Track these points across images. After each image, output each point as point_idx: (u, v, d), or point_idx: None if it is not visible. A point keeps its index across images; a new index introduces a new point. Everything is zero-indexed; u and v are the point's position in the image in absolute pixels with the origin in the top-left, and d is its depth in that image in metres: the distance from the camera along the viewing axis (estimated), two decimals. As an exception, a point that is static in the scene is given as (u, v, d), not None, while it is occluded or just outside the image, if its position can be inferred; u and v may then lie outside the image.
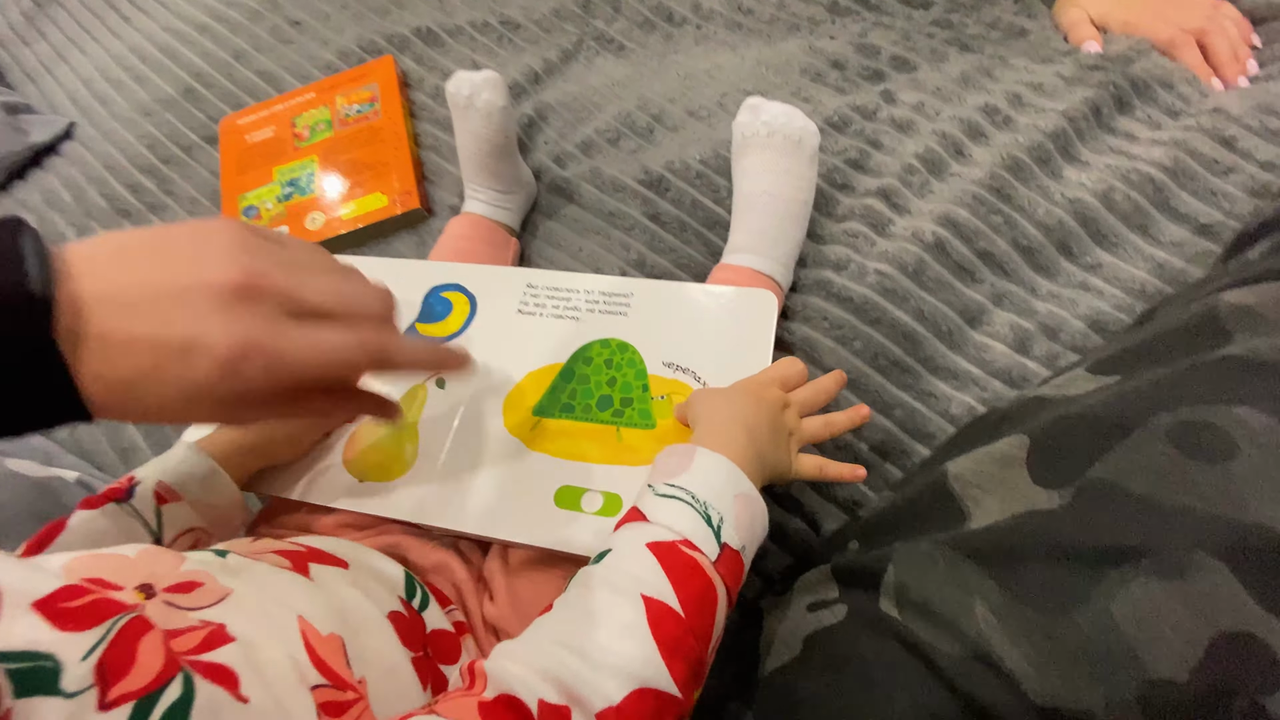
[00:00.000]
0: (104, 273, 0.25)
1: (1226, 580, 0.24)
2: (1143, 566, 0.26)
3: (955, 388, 0.49)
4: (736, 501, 0.30)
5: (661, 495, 0.30)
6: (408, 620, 0.33)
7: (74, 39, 0.92)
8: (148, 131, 0.76)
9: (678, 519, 0.29)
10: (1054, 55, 0.62)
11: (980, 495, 0.34)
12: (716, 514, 0.29)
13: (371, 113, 0.67)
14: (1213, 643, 0.24)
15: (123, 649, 0.20)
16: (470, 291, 0.48)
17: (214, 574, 0.27)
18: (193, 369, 0.25)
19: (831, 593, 0.36)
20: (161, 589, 0.25)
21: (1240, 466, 0.27)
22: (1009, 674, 0.26)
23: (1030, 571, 0.28)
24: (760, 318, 0.43)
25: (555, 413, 0.42)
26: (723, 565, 0.28)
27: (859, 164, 0.59)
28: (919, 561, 0.32)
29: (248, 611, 0.26)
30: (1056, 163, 0.55)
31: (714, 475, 0.31)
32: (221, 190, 0.68)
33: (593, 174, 0.62)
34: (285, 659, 0.25)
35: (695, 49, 0.72)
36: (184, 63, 0.81)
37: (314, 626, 0.27)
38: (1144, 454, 0.29)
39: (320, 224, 0.63)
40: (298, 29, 0.79)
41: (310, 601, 0.28)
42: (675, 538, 0.28)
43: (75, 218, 0.72)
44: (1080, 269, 0.52)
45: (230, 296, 0.25)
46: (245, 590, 0.27)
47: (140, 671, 0.19)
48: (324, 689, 0.25)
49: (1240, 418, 0.28)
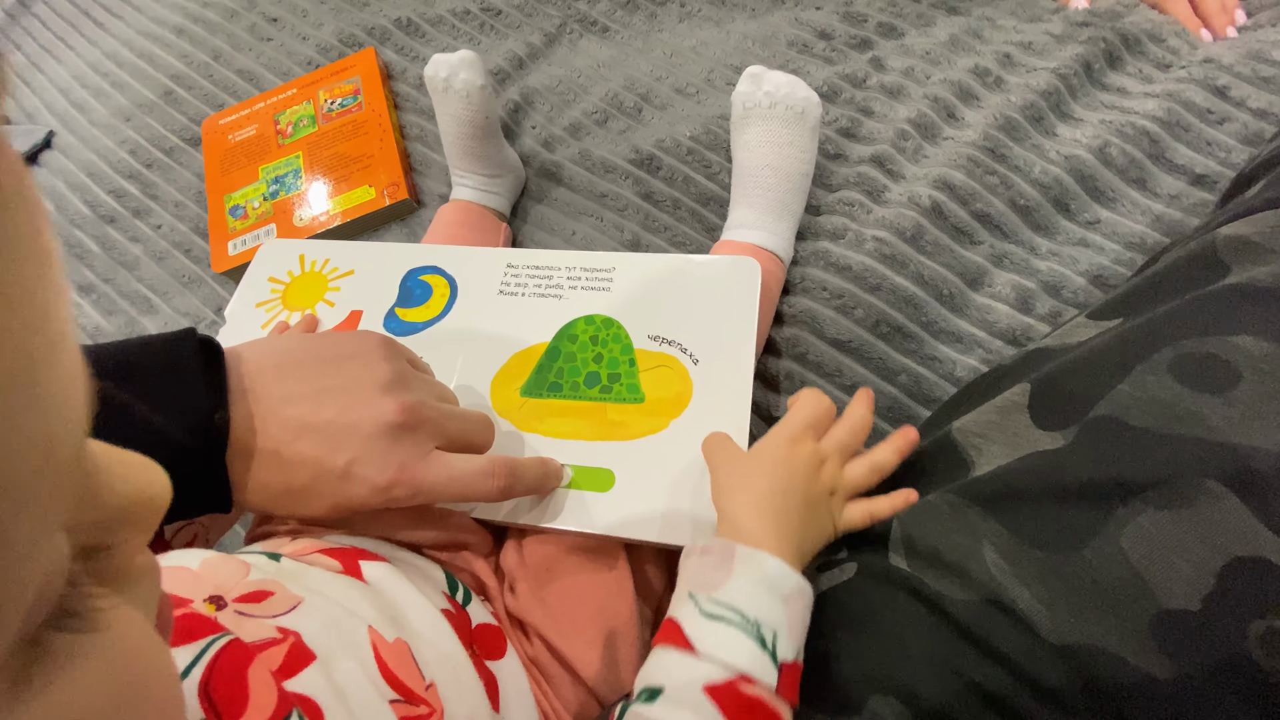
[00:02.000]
0: (274, 390, 0.29)
1: (1235, 507, 0.24)
2: (1150, 499, 0.26)
3: (960, 351, 0.49)
4: (787, 607, 0.27)
5: (707, 615, 0.27)
6: (456, 617, 0.32)
7: (48, 48, 0.91)
8: (129, 136, 0.74)
9: (731, 651, 0.26)
10: (1042, 14, 0.61)
11: (983, 444, 0.33)
12: (770, 631, 0.26)
13: (355, 106, 0.66)
14: (1224, 569, 0.24)
15: (230, 678, 0.19)
16: (449, 274, 0.47)
17: (281, 582, 0.27)
18: (350, 490, 0.28)
19: (840, 553, 0.36)
20: (231, 599, 0.25)
21: (1243, 394, 0.27)
22: (1022, 615, 0.26)
23: (1037, 512, 0.28)
24: (744, 284, 0.43)
25: (543, 392, 0.41)
26: (783, 686, 0.26)
27: (851, 132, 0.58)
28: (924, 512, 0.31)
29: (320, 622, 0.25)
30: (1050, 121, 0.54)
31: (759, 582, 0.27)
32: (207, 192, 0.67)
33: (582, 156, 0.62)
34: (361, 674, 0.24)
35: (680, 26, 0.71)
36: (162, 65, 0.79)
37: (382, 636, 0.26)
38: (1146, 388, 0.29)
39: (308, 219, 0.62)
40: (275, 25, 0.78)
41: (373, 607, 0.28)
42: (732, 675, 0.25)
43: (61, 228, 0.71)
44: (1079, 226, 0.51)
45: (393, 430, 0.29)
46: (314, 600, 0.26)
47: (257, 709, 0.19)
48: (400, 704, 0.24)
49: (1240, 345, 0.28)
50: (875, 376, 0.48)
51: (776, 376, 0.50)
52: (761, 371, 0.49)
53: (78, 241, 0.69)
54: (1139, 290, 0.36)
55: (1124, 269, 0.48)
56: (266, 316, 0.48)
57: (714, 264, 0.44)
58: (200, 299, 0.63)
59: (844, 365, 0.49)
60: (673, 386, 0.40)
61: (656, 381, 0.41)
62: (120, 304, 0.64)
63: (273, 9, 0.79)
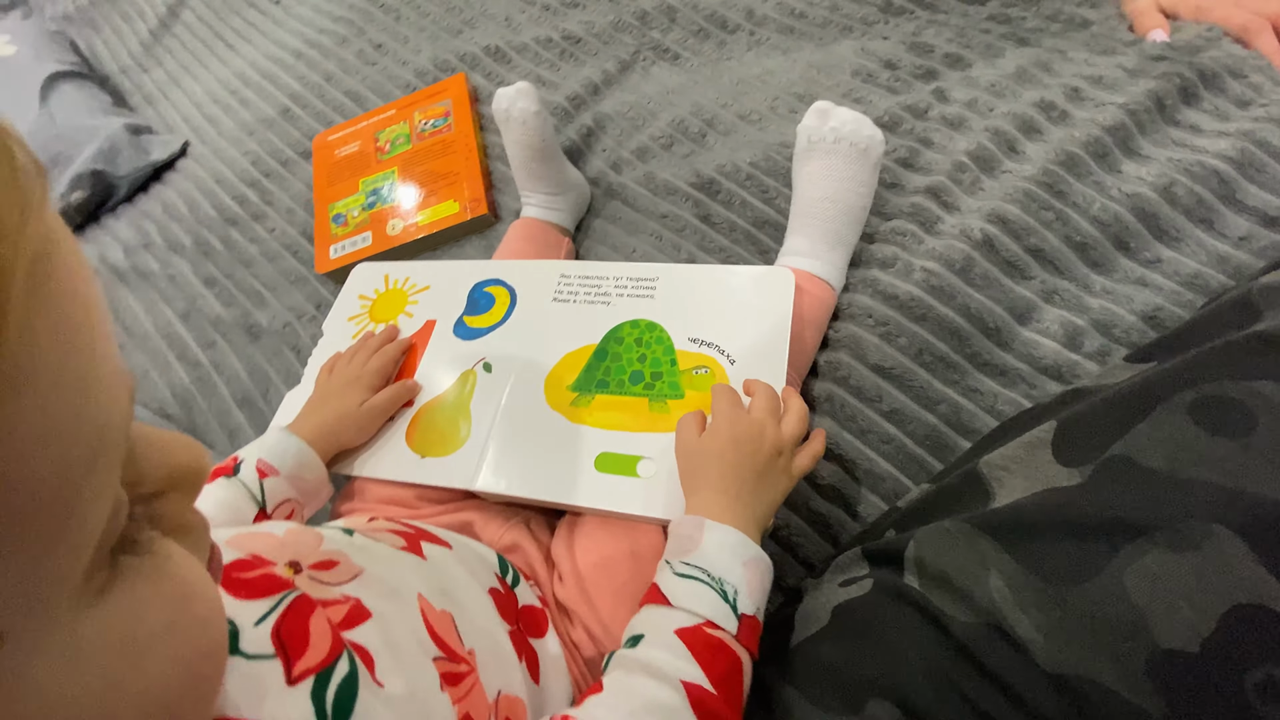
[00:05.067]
0: None
1: (1242, 553, 0.24)
2: (1157, 539, 0.26)
3: (1003, 384, 0.50)
4: (746, 569, 0.33)
5: (680, 575, 0.32)
6: (504, 596, 0.36)
7: (186, 66, 1.03)
8: (251, 149, 0.84)
9: (698, 601, 0.31)
10: (1117, 46, 0.61)
11: (1005, 476, 0.35)
12: (731, 587, 0.32)
13: (445, 127, 0.73)
14: (1226, 615, 0.24)
15: (297, 625, 0.24)
16: (510, 285, 0.53)
17: (347, 554, 0.31)
18: None
19: (861, 570, 0.37)
20: (307, 565, 0.29)
21: (1259, 440, 0.27)
22: (1019, 642, 0.27)
23: (1045, 545, 0.29)
24: (779, 294, 0.46)
25: (591, 389, 0.46)
26: (743, 634, 0.31)
27: (909, 162, 0.60)
28: (939, 537, 0.33)
29: (377, 589, 0.29)
30: (1115, 157, 0.54)
31: (724, 548, 0.33)
32: (314, 200, 0.75)
33: (647, 178, 0.66)
34: (410, 635, 0.28)
35: (748, 55, 0.74)
36: (282, 86, 0.89)
37: (430, 604, 0.31)
38: (1163, 430, 0.29)
39: (399, 230, 0.69)
40: (380, 51, 0.86)
41: (425, 580, 0.32)
42: (699, 620, 0.31)
43: (190, 226, 0.81)
44: (1139, 264, 0.51)
45: None
46: (374, 570, 0.31)
47: (315, 649, 0.23)
48: (442, 661, 0.28)
49: (1260, 391, 0.28)
50: (915, 404, 0.50)
51: (818, 397, 0.52)
52: (805, 391, 0.52)
53: (205, 240, 0.79)
54: (1176, 334, 0.37)
55: (1182, 310, 0.48)
56: (356, 328, 0.55)
57: (750, 274, 0.48)
58: (304, 296, 0.71)
59: (884, 391, 0.50)
60: (710, 384, 0.44)
61: (695, 380, 0.44)
62: (238, 297, 0.73)
63: (379, 35, 0.87)
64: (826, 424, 0.50)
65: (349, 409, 0.48)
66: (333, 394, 0.49)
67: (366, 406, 0.48)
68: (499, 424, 0.46)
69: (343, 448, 0.48)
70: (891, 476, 0.49)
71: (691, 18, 0.77)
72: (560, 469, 0.43)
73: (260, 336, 0.70)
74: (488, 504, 0.46)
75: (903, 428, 0.50)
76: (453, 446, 0.47)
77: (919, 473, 0.49)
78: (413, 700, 0.25)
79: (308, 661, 0.22)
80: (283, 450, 0.44)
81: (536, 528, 0.46)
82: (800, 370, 0.50)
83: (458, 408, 0.49)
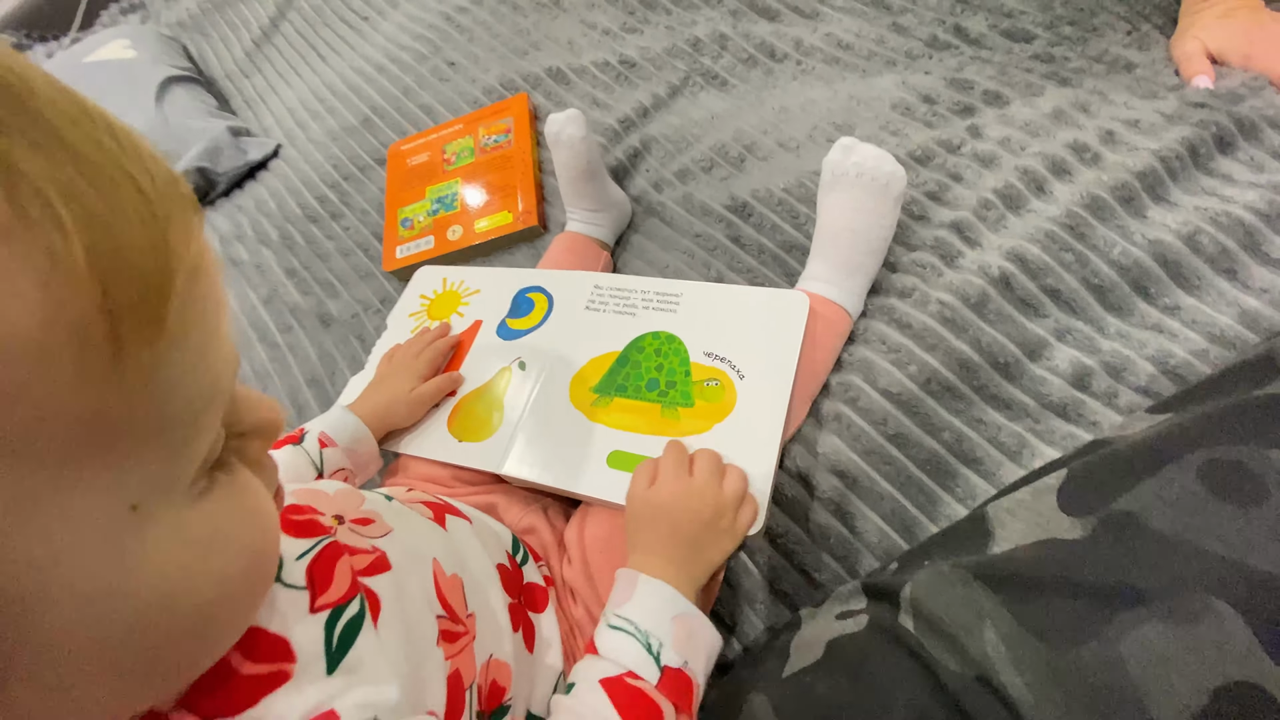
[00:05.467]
0: None
1: (1239, 629, 0.24)
2: (1155, 609, 0.26)
3: (1008, 417, 0.52)
4: (675, 624, 0.35)
5: (612, 627, 0.35)
6: (510, 572, 0.41)
7: (283, 74, 1.14)
8: (334, 154, 0.93)
9: (622, 652, 0.34)
10: (1159, 91, 0.61)
11: (1008, 519, 0.34)
12: (656, 640, 0.34)
13: (505, 143, 0.80)
14: (1219, 691, 0.23)
15: (325, 566, 0.28)
16: (549, 291, 0.59)
17: (383, 515, 0.36)
18: None
19: (859, 604, 0.38)
20: (349, 519, 0.34)
21: (1267, 512, 0.26)
22: (1009, 700, 0.27)
23: (1043, 602, 0.28)
24: (792, 316, 0.49)
25: (611, 392, 0.51)
26: (664, 686, 0.33)
27: (937, 196, 0.62)
28: (936, 580, 0.33)
29: (401, 548, 0.34)
30: (1141, 202, 0.55)
31: (652, 602, 0.36)
32: (386, 204, 0.83)
33: (685, 199, 0.70)
34: (420, 591, 0.33)
35: (792, 84, 0.77)
36: (364, 97, 0.98)
37: (442, 569, 0.35)
38: (1171, 489, 0.29)
39: (459, 235, 0.76)
40: (453, 69, 0.94)
41: (442, 548, 0.37)
42: (621, 671, 0.33)
43: (278, 221, 0.91)
44: (1157, 310, 0.52)
45: None
46: (401, 531, 0.36)
47: (336, 587, 0.28)
48: (444, 619, 0.33)
49: (1273, 460, 0.27)
50: (919, 429, 0.52)
51: (827, 416, 0.55)
52: (814, 409, 0.55)
53: (289, 235, 0.89)
54: (1197, 388, 0.36)
55: (1198, 360, 0.48)
56: (415, 324, 0.63)
57: (767, 294, 0.51)
58: (371, 290, 0.79)
59: (890, 414, 0.53)
60: (720, 396, 0.48)
61: (706, 391, 0.48)
62: (314, 288, 0.82)
63: (453, 54, 0.95)
64: (833, 441, 0.53)
65: (400, 394, 0.54)
66: (388, 380, 0.56)
67: (416, 393, 0.55)
68: (526, 417, 0.52)
69: (393, 428, 0.55)
70: (890, 496, 0.51)
71: (742, 46, 0.81)
72: (576, 462, 0.48)
73: (330, 324, 0.78)
74: (512, 489, 0.52)
75: (905, 451, 0.52)
76: (486, 434, 0.53)
77: (918, 494, 0.51)
78: (407, 646, 0.29)
79: (328, 597, 0.27)
80: (342, 426, 0.51)
81: (553, 514, 0.51)
82: (810, 390, 0.53)
83: (493, 400, 0.54)
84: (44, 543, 0.15)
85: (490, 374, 0.56)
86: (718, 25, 0.83)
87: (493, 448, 0.51)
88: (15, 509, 0.14)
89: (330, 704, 0.23)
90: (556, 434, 0.50)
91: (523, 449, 0.50)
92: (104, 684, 0.18)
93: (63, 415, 0.15)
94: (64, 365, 0.14)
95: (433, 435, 0.55)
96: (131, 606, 0.17)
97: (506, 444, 0.51)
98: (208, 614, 0.20)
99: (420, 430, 0.55)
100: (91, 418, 0.15)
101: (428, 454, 0.54)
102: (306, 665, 0.24)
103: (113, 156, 0.16)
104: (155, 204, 0.16)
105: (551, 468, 0.49)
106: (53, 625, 0.16)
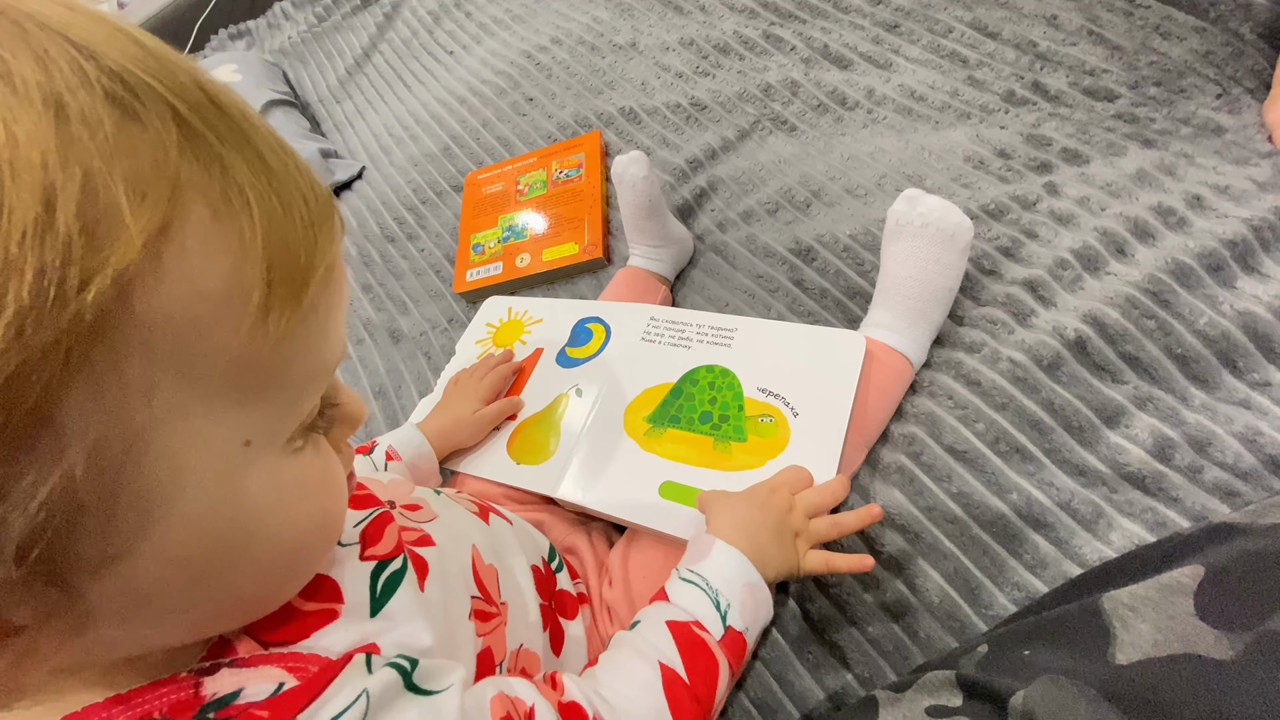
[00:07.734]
0: None
1: None
2: None
3: (1081, 484, 0.50)
4: (744, 590, 0.37)
5: (683, 579, 0.37)
6: (544, 575, 0.43)
7: (371, 102, 1.22)
8: (414, 178, 0.98)
9: (693, 603, 0.36)
10: (1251, 157, 0.59)
11: (1132, 618, 0.30)
12: (725, 600, 0.36)
13: (577, 177, 0.83)
14: None
15: (377, 528, 0.32)
16: (607, 323, 0.60)
17: (430, 503, 0.40)
18: None
19: (955, 700, 0.34)
20: (400, 505, 0.38)
21: None
22: None
23: None
24: (848, 357, 0.49)
25: (664, 423, 0.51)
26: (726, 644, 0.35)
27: (1010, 252, 0.61)
28: (1056, 694, 0.28)
29: (445, 531, 0.37)
30: (1231, 271, 0.53)
31: (726, 566, 0.38)
32: (459, 229, 0.87)
33: (748, 239, 0.71)
34: (459, 570, 0.35)
35: (862, 132, 0.78)
36: (445, 126, 1.04)
37: (481, 556, 0.38)
38: None
39: (526, 263, 0.79)
40: (531, 104, 0.98)
41: (483, 538, 0.40)
42: (689, 619, 0.35)
43: (357, 239, 0.96)
44: (1245, 385, 0.50)
45: None
46: (446, 518, 0.39)
47: (384, 544, 0.31)
48: (478, 600, 0.35)
49: None
50: (985, 489, 0.51)
51: (888, 467, 0.54)
52: (873, 458, 0.54)
53: (367, 252, 0.93)
54: None
55: (1291, 438, 0.46)
56: (481, 350, 0.65)
57: (824, 334, 0.51)
58: (440, 310, 0.82)
59: (955, 472, 0.52)
60: (773, 433, 0.48)
61: (759, 427, 0.48)
62: (387, 304, 0.86)
63: (531, 90, 1.00)
64: (894, 495, 0.52)
65: (464, 415, 0.57)
66: (453, 402, 0.59)
67: (478, 415, 0.57)
68: (581, 443, 0.53)
69: (456, 447, 0.57)
70: (953, 556, 0.50)
71: (813, 93, 0.83)
72: (629, 490, 0.49)
73: (400, 340, 0.81)
74: (560, 510, 0.53)
75: (969, 510, 0.51)
76: (542, 457, 0.54)
77: (981, 557, 0.50)
78: (444, 613, 0.31)
79: (376, 551, 0.30)
80: (407, 442, 0.53)
81: (596, 538, 0.52)
82: (867, 436, 0.53)
83: (550, 425, 0.56)
84: (180, 453, 0.18)
85: (549, 400, 0.58)
86: (789, 72, 0.85)
87: (549, 471, 0.53)
88: (168, 419, 0.18)
89: (372, 639, 0.26)
90: (610, 461, 0.51)
91: (577, 474, 0.52)
92: (189, 605, 0.21)
93: (224, 352, 0.18)
94: (234, 314, 0.18)
95: (492, 456, 0.56)
96: (229, 531, 0.20)
97: (562, 468, 0.52)
98: (287, 554, 0.23)
99: (480, 451, 0.57)
100: (239, 360, 0.19)
101: (486, 474, 0.55)
102: (353, 607, 0.27)
103: (292, 175, 0.20)
104: (314, 212, 0.21)
105: (604, 494, 0.49)
106: (165, 532, 0.19)
